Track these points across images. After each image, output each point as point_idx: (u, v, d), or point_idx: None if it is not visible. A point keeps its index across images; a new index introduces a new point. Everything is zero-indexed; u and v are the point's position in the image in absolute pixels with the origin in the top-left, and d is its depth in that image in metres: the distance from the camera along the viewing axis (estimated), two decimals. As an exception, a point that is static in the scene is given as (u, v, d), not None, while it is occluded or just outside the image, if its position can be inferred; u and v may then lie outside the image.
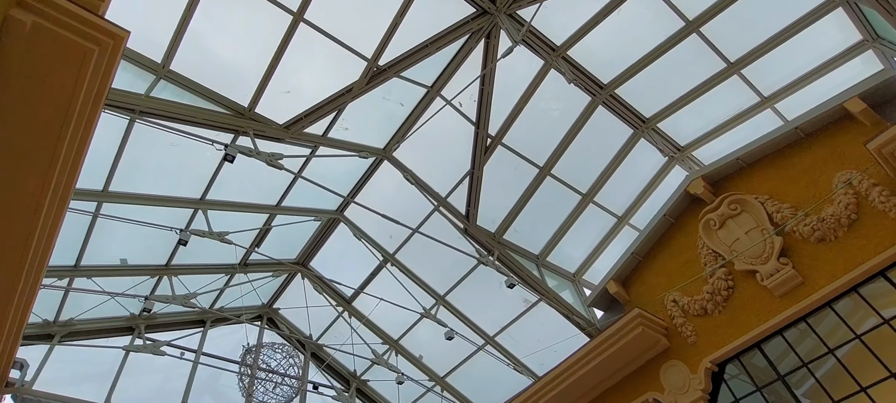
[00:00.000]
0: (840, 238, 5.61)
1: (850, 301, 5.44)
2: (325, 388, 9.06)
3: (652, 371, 6.60)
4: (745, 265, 6.13)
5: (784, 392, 5.55)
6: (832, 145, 6.08)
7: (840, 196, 5.71)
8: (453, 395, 8.64)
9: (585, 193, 7.91)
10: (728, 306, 6.21)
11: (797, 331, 5.70)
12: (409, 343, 8.79)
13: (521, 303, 7.90)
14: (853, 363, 5.19)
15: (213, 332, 9.51)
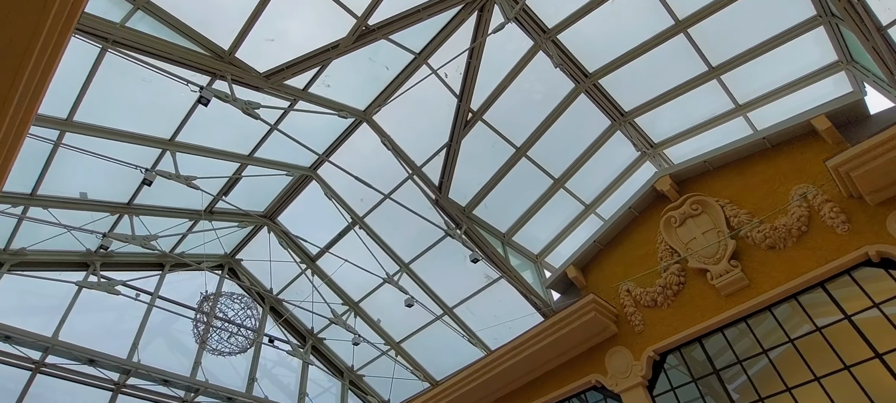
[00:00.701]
0: (788, 247, 5.95)
1: (788, 307, 5.82)
2: (280, 343, 9.19)
3: (598, 354, 6.96)
4: (698, 263, 6.46)
5: (717, 386, 5.95)
6: (794, 159, 6.38)
7: (794, 208, 6.04)
8: (406, 360, 8.91)
9: (557, 178, 8.10)
10: (677, 300, 6.56)
11: (737, 330, 6.08)
12: (369, 306, 8.96)
13: (482, 278, 8.13)
14: (784, 365, 5.59)
15: (172, 277, 9.45)
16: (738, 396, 5.74)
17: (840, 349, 5.23)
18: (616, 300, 7.11)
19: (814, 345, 5.44)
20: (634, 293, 6.92)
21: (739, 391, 5.78)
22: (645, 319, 6.73)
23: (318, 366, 9.71)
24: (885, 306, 5.16)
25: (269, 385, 9.73)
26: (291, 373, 9.79)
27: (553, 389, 7.28)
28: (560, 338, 7.00)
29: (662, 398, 6.27)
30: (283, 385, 9.87)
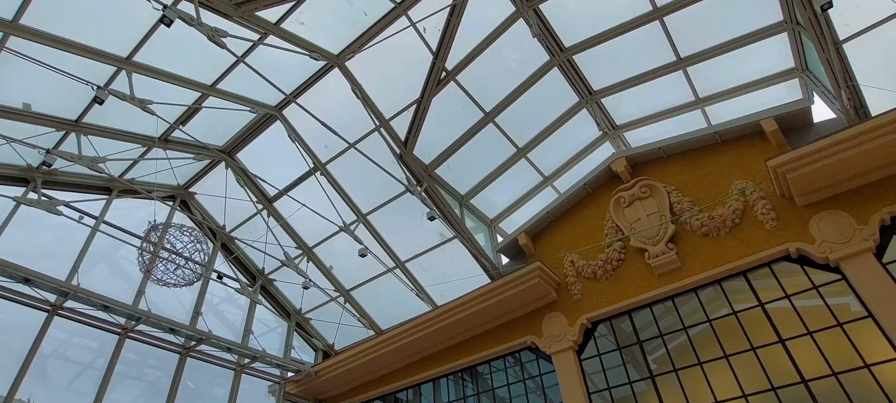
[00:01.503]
0: (721, 236, 6.49)
1: (712, 290, 6.40)
2: (229, 280, 9.26)
3: (537, 318, 7.47)
4: (639, 243, 6.95)
5: (639, 355, 6.55)
6: (739, 155, 6.86)
7: (732, 201, 6.55)
8: (354, 308, 9.21)
9: (521, 147, 8.35)
10: (615, 275, 7.06)
11: (664, 307, 6.64)
12: (323, 252, 9.11)
13: (437, 237, 8.41)
14: (700, 342, 6.19)
15: (119, 203, 9.25)
16: (655, 366, 6.34)
17: (750, 332, 5.84)
18: (560, 269, 7.58)
19: (728, 327, 6.05)
20: (577, 264, 7.39)
21: (657, 361, 6.38)
22: (583, 289, 7.24)
23: (266, 306, 9.88)
24: (795, 298, 5.78)
25: (214, 320, 9.84)
26: (238, 311, 9.92)
27: (491, 347, 7.78)
28: (504, 300, 7.44)
29: (588, 362, 6.85)
30: (228, 322, 10.00)
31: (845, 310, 5.42)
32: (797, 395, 5.23)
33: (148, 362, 9.70)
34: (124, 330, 8.12)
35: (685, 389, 5.94)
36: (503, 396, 7.61)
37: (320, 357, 10.12)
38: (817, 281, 5.67)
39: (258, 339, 9.27)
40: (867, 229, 5.52)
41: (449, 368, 8.26)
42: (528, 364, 7.54)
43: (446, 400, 8.31)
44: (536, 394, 7.22)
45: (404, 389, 8.99)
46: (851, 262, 5.44)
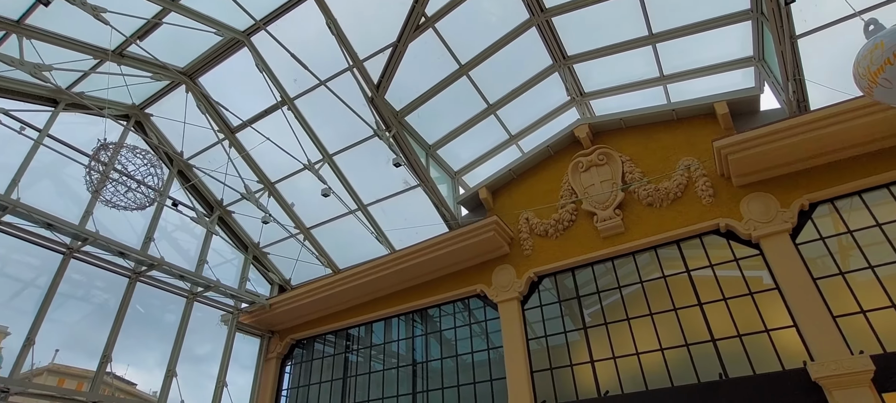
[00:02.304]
0: (663, 207, 7.22)
1: (649, 255, 7.20)
2: (185, 208, 9.35)
3: (488, 268, 8.14)
4: (590, 207, 7.62)
5: (576, 308, 7.36)
6: (690, 133, 7.52)
7: (677, 175, 7.25)
8: (313, 246, 9.58)
9: (491, 104, 8.69)
10: (564, 234, 7.76)
11: (604, 267, 7.43)
12: (285, 188, 9.29)
13: (400, 183, 8.77)
14: (631, 300, 7.02)
15: (67, 117, 8.98)
16: (589, 320, 7.17)
17: (675, 295, 6.69)
18: (515, 225, 8.20)
19: (657, 289, 6.88)
20: (532, 222, 8.03)
21: (592, 316, 7.20)
22: (534, 245, 7.92)
23: (223, 237, 10.07)
24: (717, 268, 6.62)
25: (167, 247, 9.96)
26: (193, 239, 10.07)
27: (442, 292, 8.44)
28: (459, 249, 8.03)
29: (531, 312, 7.63)
30: (182, 250, 10.15)
31: (758, 282, 6.31)
32: (705, 351, 6.14)
33: (95, 284, 9.81)
34: (70, 250, 8.15)
35: (612, 341, 6.79)
36: (449, 338, 8.36)
37: (276, 290, 10.52)
38: (739, 254, 6.52)
39: (213, 269, 9.52)
40: (788, 212, 6.34)
41: (401, 309, 8.90)
42: (476, 311, 8.27)
43: (396, 338, 9.00)
44: (480, 338, 7.99)
45: (357, 326, 9.61)
46: (769, 240, 6.28)
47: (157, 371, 9.48)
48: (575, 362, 6.94)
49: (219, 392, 9.14)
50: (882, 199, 6.06)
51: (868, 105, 5.88)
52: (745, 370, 5.82)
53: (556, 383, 6.93)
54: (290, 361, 10.37)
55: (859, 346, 5.35)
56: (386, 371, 8.81)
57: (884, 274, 5.64)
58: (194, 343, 10.20)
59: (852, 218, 6.12)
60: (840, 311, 5.63)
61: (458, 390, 7.73)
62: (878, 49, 3.55)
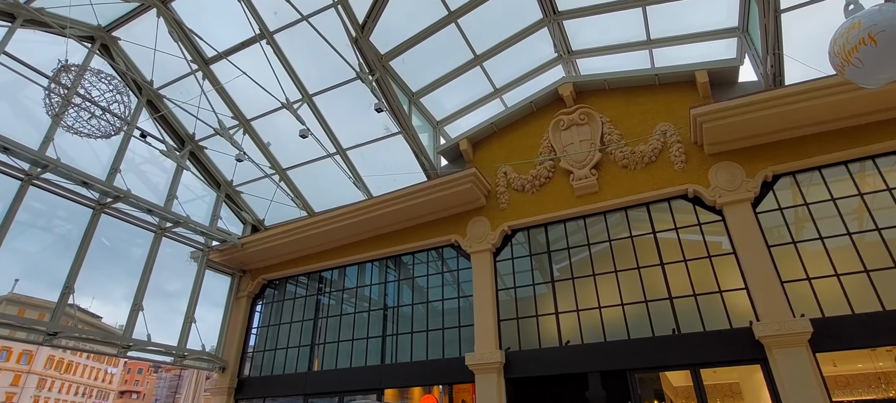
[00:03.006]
0: (637, 170, 7.62)
1: (619, 215, 7.65)
2: (154, 140, 9.25)
3: (463, 219, 8.49)
4: (567, 165, 7.96)
5: (546, 263, 7.83)
6: (669, 99, 7.85)
7: (654, 140, 7.61)
8: (289, 187, 9.69)
9: (478, 54, 8.78)
10: (541, 191, 8.12)
11: (576, 225, 7.87)
12: (261, 126, 9.27)
13: (381, 129, 8.89)
14: (599, 257, 7.51)
15: (25, 34, 8.65)
16: (558, 274, 7.66)
17: (640, 254, 7.19)
18: (493, 178, 8.52)
19: (624, 247, 7.37)
20: (509, 176, 8.35)
21: (560, 271, 7.69)
22: (510, 200, 8.27)
23: (194, 173, 10.05)
24: (682, 231, 7.12)
25: (134, 179, 9.91)
26: (162, 174, 10.02)
27: (417, 240, 8.79)
28: (436, 199, 8.32)
29: (502, 263, 8.07)
30: (151, 184, 10.11)
31: (717, 247, 6.84)
32: (662, 308, 6.70)
33: (57, 213, 9.76)
34: (28, 177, 8.05)
35: (577, 295, 7.31)
36: (422, 285, 8.77)
37: (248, 230, 10.68)
38: (703, 219, 7.01)
39: (183, 205, 9.57)
40: (752, 182, 6.81)
41: (375, 255, 9.23)
42: (449, 260, 8.67)
43: (369, 282, 9.38)
44: (452, 286, 8.42)
45: (330, 269, 9.93)
46: (732, 208, 6.77)
47: (123, 304, 9.60)
48: (540, 313, 7.45)
49: (187, 327, 9.41)
50: (839, 176, 6.57)
51: (839, 84, 6.25)
52: (696, 326, 6.41)
53: (521, 332, 7.46)
54: (261, 300, 10.67)
55: (801, 310, 5.95)
56: (357, 314, 9.22)
57: (831, 245, 6.21)
58: (164, 279, 10.36)
59: (810, 192, 6.64)
60: (788, 277, 6.21)
61: (427, 334, 8.21)
62: (855, 28, 3.68)
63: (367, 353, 8.69)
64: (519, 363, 7.21)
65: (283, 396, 9.29)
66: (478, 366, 7.25)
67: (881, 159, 6.48)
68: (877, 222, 6.13)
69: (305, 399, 8.91)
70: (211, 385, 10.01)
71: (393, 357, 8.41)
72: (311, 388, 8.87)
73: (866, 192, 6.36)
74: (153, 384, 65.26)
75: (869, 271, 5.91)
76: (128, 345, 8.58)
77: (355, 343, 8.89)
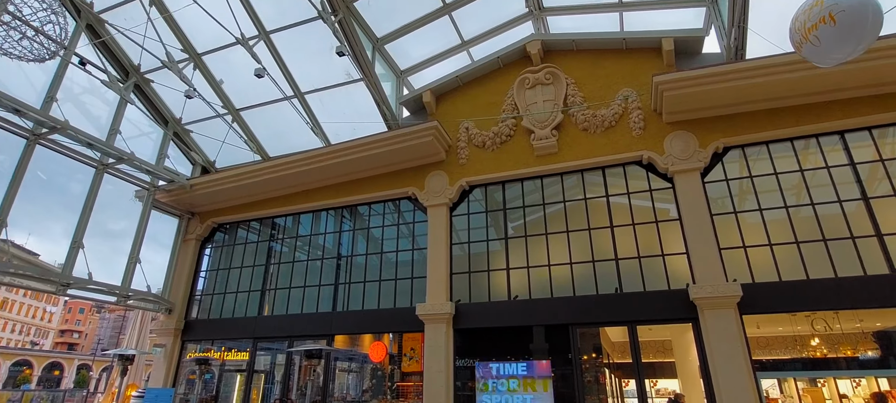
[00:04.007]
0: (596, 134, 7.96)
1: (575, 177, 8.03)
2: (95, 69, 8.88)
3: (422, 173, 8.72)
4: (529, 124, 8.23)
5: (501, 220, 8.20)
6: (634, 65, 8.14)
7: (615, 105, 7.94)
8: (242, 129, 9.57)
9: (448, 2, 8.77)
10: (500, 148, 8.39)
11: (533, 185, 8.22)
12: (213, 61, 9.03)
13: (342, 74, 8.84)
14: (553, 217, 7.92)
15: (-57, -64, 8.08)
16: (512, 232, 8.05)
17: (592, 216, 7.63)
18: (454, 133, 8.71)
19: (577, 209, 7.79)
20: (471, 132, 8.57)
21: (515, 229, 8.08)
22: (470, 155, 8.52)
23: (140, 108, 9.77)
24: (633, 196, 7.57)
25: (72, 110, 9.56)
26: (105, 106, 9.69)
27: (374, 191, 8.98)
28: (396, 150, 8.48)
29: (458, 218, 8.39)
30: (91, 116, 9.79)
31: (665, 213, 7.33)
32: (608, 268, 7.20)
33: (-14, 141, 9.37)
34: (-50, 99, 7.71)
35: (528, 252, 7.74)
36: (377, 236, 9.03)
37: (198, 171, 10.56)
38: (654, 186, 7.47)
39: (127, 141, 9.36)
40: (704, 152, 7.26)
41: (331, 203, 9.39)
42: (406, 213, 8.93)
43: (324, 231, 9.56)
44: (407, 239, 8.72)
45: (284, 216, 10.03)
46: (682, 176, 7.23)
47: (63, 242, 9.45)
48: (492, 268, 7.87)
49: (131, 267, 9.40)
50: (784, 152, 7.09)
51: (796, 62, 6.65)
52: (637, 286, 6.95)
53: (472, 285, 7.88)
54: (210, 244, 10.71)
55: (734, 275, 6.53)
56: (310, 262, 9.43)
57: (769, 217, 6.77)
58: (108, 217, 10.20)
59: (756, 166, 7.15)
60: (726, 244, 6.77)
61: (380, 284, 8.53)
62: (818, 6, 3.77)
63: (318, 300, 8.96)
64: (468, 314, 7.65)
65: (233, 339, 9.53)
66: (428, 316, 7.65)
67: (824, 139, 7.01)
68: (812, 198, 6.71)
69: (255, 342, 9.17)
70: (157, 326, 10.12)
71: (344, 304, 8.72)
72: (261, 332, 9.13)
73: (807, 169, 6.91)
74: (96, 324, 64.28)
75: (799, 243, 6.51)
76: (67, 283, 8.54)
77: (307, 290, 9.14)
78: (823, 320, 6.70)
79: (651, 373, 10.26)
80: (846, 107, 6.84)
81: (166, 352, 9.77)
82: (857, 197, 6.55)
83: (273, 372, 9.72)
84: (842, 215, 6.50)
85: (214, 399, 9.69)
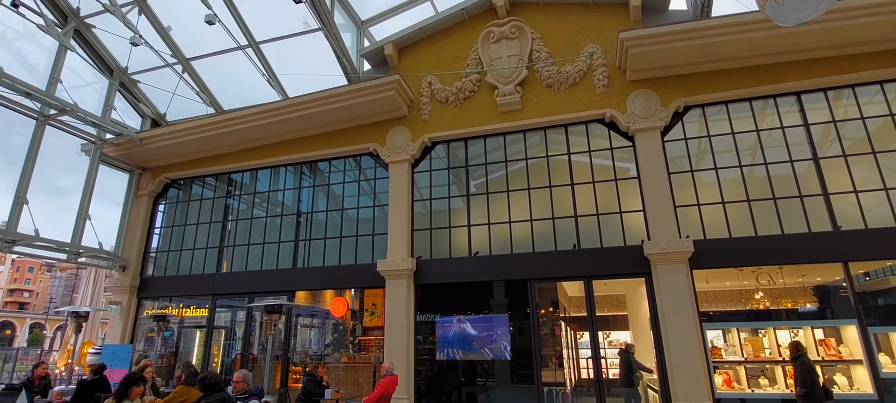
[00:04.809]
0: (560, 91, 8.02)
1: (538, 136, 8.14)
2: (30, 12, 8.35)
3: (383, 128, 8.68)
4: (493, 80, 8.22)
5: (463, 177, 8.30)
6: (602, 21, 8.14)
7: (580, 62, 7.98)
8: (193, 79, 9.24)
9: (410, -51, 8.55)
10: (464, 104, 8.39)
11: (496, 142, 8.30)
12: (159, 6, 8.59)
13: (300, 23, 8.57)
14: (514, 175, 8.05)
15: None
16: (474, 189, 8.17)
17: (553, 173, 7.79)
18: (417, 88, 8.65)
19: (539, 166, 7.94)
20: (434, 87, 8.52)
21: (477, 186, 8.20)
22: (433, 111, 8.51)
23: (81, 55, 9.30)
24: (594, 154, 7.74)
25: (6, 56, 9.08)
26: (42, 53, 9.18)
27: (335, 146, 8.92)
28: (357, 105, 8.39)
29: (420, 175, 8.45)
30: (28, 64, 9.29)
31: (625, 171, 7.54)
32: (567, 225, 7.43)
33: (-90, 88, 8.84)
34: None
35: (490, 209, 7.90)
36: (338, 192, 9.04)
37: (148, 124, 10.24)
38: (615, 144, 7.64)
39: (69, 91, 8.96)
40: (665, 111, 7.43)
41: (290, 159, 9.29)
42: (367, 169, 8.93)
43: (283, 187, 9.49)
44: (368, 196, 8.76)
45: (240, 171, 9.89)
46: (643, 135, 7.41)
47: (6, 198, 9.17)
48: (453, 225, 8.02)
49: (81, 223, 9.19)
50: (742, 112, 7.31)
51: (760, 21, 6.76)
52: (595, 243, 7.21)
53: (434, 242, 8.03)
54: (163, 200, 10.52)
55: (687, 232, 6.84)
56: (269, 219, 9.40)
57: (723, 176, 7.05)
58: (54, 173, 9.88)
59: (715, 126, 7.38)
60: (681, 202, 7.05)
61: (341, 241, 8.60)
62: None
63: (278, 257, 9.00)
64: (429, 270, 7.83)
65: (191, 296, 9.53)
66: (389, 272, 7.80)
67: (781, 99, 7.25)
68: (766, 158, 7.00)
69: (214, 299, 9.20)
70: (111, 284, 10.01)
71: (305, 261, 8.79)
72: (219, 289, 9.15)
73: (763, 129, 7.17)
74: (47, 283, 62.76)
75: (750, 201, 6.82)
76: (12, 240, 8.31)
77: (267, 246, 9.15)
78: (768, 275, 7.13)
79: (605, 326, 10.78)
80: (803, 68, 7.07)
81: (122, 310, 9.72)
82: (809, 157, 6.87)
83: (234, 329, 9.83)
84: (792, 175, 6.82)
85: (174, 355, 9.77)
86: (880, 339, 6.04)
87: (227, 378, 8.17)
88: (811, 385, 5.48)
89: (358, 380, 8.26)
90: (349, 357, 8.79)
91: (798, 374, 5.58)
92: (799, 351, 5.72)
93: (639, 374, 7.74)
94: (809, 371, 5.53)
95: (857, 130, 6.87)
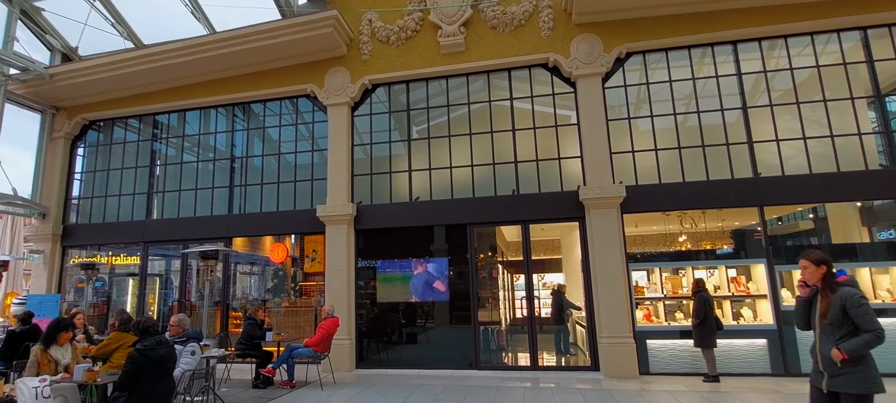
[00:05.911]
0: (505, 33, 8.05)
1: (481, 82, 8.22)
2: None
3: (321, 69, 8.50)
4: (437, 19, 8.12)
5: (404, 122, 8.35)
6: (550, -41, 8.12)
7: (526, 2, 7.99)
8: (108, 10, 8.54)
9: None
10: (406, 45, 8.30)
11: (438, 86, 8.34)
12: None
13: (225, -50, 8.09)
14: (456, 121, 8.17)
15: None
16: (415, 134, 8.25)
17: (495, 119, 7.97)
18: (356, 25, 8.45)
19: (481, 112, 8.08)
20: (375, 25, 8.35)
21: (419, 132, 8.28)
22: (373, 51, 8.38)
23: (-27, -24, 8.43)
24: (536, 100, 7.94)
25: None
26: (-76, -29, 8.26)
27: (269, 87, 8.68)
28: (292, 42, 8.12)
29: (360, 119, 8.43)
30: None
31: (565, 118, 7.80)
32: (507, 171, 7.71)
33: None
34: None
35: (431, 155, 8.04)
36: (274, 136, 8.89)
37: (58, 59, 9.55)
38: (557, 90, 7.85)
39: (-39, 16, 8.19)
40: (607, 57, 7.64)
41: (221, 100, 8.99)
42: (305, 113, 8.79)
43: (214, 130, 9.23)
44: (306, 140, 8.68)
45: (167, 112, 9.50)
46: (585, 81, 7.63)
47: None
48: (394, 170, 8.14)
49: (-11, 168, 8.69)
50: (681, 61, 7.62)
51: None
52: (534, 188, 7.55)
53: (374, 187, 8.15)
54: (82, 143, 10.02)
55: (621, 178, 7.26)
56: (201, 163, 9.18)
57: (658, 123, 7.43)
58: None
59: (654, 74, 7.67)
60: (617, 149, 7.42)
61: (278, 186, 8.58)
62: None
63: (212, 203, 8.89)
64: (369, 216, 8.00)
65: (121, 244, 9.34)
66: (329, 218, 7.91)
67: (718, 48, 7.58)
68: (699, 106, 7.40)
69: (145, 246, 9.07)
70: (31, 232, 9.64)
71: (241, 207, 8.74)
72: (151, 236, 9.01)
73: (699, 77, 7.53)
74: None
75: (681, 148, 7.27)
76: None
77: (200, 192, 8.99)
78: (692, 219, 7.73)
79: (540, 269, 11.44)
80: (742, 17, 7.38)
81: (46, 259, 9.43)
82: (739, 106, 7.32)
83: (169, 277, 9.77)
84: (722, 124, 7.28)
85: (107, 304, 9.67)
86: (784, 276, 6.79)
87: (164, 325, 8.23)
88: (704, 317, 6.24)
89: (300, 324, 8.52)
90: (290, 302, 8.99)
91: (695, 307, 6.36)
92: (700, 287, 6.45)
93: (569, 312, 8.39)
94: (705, 305, 6.30)
95: (785, 81, 7.34)
